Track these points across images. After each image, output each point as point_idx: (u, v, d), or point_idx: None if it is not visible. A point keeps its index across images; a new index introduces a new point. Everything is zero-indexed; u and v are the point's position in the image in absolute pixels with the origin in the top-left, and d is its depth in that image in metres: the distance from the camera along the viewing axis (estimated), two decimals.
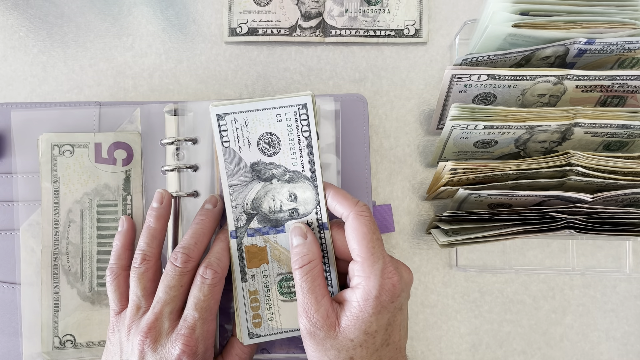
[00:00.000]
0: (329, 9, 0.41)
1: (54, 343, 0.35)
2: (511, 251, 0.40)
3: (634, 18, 0.32)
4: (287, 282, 0.32)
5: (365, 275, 0.28)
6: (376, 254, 0.28)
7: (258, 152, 0.31)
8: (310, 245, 0.30)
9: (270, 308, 0.32)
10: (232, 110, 0.30)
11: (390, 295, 0.28)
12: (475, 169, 0.33)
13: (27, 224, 0.36)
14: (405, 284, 0.29)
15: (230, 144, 0.30)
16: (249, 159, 0.31)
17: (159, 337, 0.29)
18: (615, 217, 0.32)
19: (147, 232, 0.32)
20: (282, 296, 0.32)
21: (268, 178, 0.31)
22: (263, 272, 0.32)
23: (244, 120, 0.30)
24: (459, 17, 0.42)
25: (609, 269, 0.40)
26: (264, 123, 0.30)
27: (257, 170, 0.31)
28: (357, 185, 0.37)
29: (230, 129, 0.30)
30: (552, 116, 0.32)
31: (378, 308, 0.27)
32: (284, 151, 0.31)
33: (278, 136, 0.31)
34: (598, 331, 0.40)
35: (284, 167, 0.31)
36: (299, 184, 0.31)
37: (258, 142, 0.31)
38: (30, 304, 0.36)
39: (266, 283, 0.32)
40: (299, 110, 0.30)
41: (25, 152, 0.37)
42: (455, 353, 0.40)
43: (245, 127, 0.30)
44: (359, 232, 0.28)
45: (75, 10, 0.42)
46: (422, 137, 0.41)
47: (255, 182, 0.31)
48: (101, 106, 0.38)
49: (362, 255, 0.28)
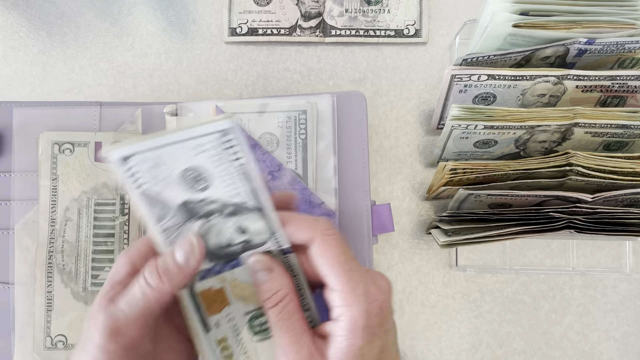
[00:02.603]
0: (329, 9, 0.41)
1: (45, 343, 0.35)
2: (511, 251, 0.40)
3: (634, 18, 0.32)
4: (260, 320, 0.28)
5: (347, 304, 0.24)
6: (354, 276, 0.24)
7: (184, 190, 0.26)
8: (279, 279, 0.26)
9: (246, 352, 0.29)
10: (138, 149, 0.24)
11: (379, 320, 0.24)
12: (475, 169, 0.33)
13: (22, 223, 0.36)
14: (390, 298, 0.25)
15: (147, 187, 0.25)
16: (175, 200, 0.26)
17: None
18: (615, 217, 0.32)
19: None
20: (256, 336, 0.28)
21: (205, 215, 0.27)
22: (227, 316, 0.28)
23: (155, 158, 0.25)
24: (459, 17, 0.42)
25: (609, 269, 0.40)
26: (181, 158, 0.25)
27: (189, 209, 0.27)
28: (355, 183, 0.37)
29: (143, 170, 0.25)
30: (552, 116, 0.32)
31: (369, 338, 0.24)
32: (217, 185, 0.26)
33: (202, 170, 0.26)
34: (598, 331, 0.40)
35: (222, 202, 0.27)
36: (246, 215, 0.27)
37: (181, 180, 0.26)
38: (24, 303, 0.36)
39: (234, 327, 0.28)
40: (223, 137, 0.25)
41: (25, 150, 0.37)
42: (455, 353, 0.40)
43: (159, 167, 0.25)
44: (330, 256, 0.24)
45: (75, 10, 0.42)
46: (422, 137, 0.41)
47: (190, 222, 0.27)
48: (102, 106, 0.38)
49: (340, 282, 0.24)
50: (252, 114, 0.37)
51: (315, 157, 0.37)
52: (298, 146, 0.37)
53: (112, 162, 0.24)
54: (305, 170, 0.37)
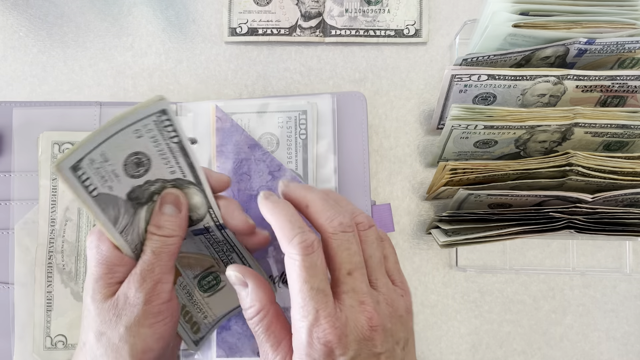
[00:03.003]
0: (329, 8, 0.41)
1: (45, 343, 0.35)
2: (511, 251, 0.40)
3: (634, 18, 0.32)
4: (206, 279, 0.31)
5: (296, 327, 0.24)
6: (306, 307, 0.24)
7: (129, 179, 0.26)
8: (253, 294, 0.27)
9: (201, 309, 0.32)
10: (85, 151, 0.23)
11: (323, 354, 0.24)
12: (475, 169, 0.33)
13: (22, 223, 0.36)
14: (357, 340, 0.24)
15: (99, 190, 0.24)
16: (122, 192, 0.26)
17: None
18: (615, 217, 0.32)
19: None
20: (205, 293, 0.32)
21: (149, 198, 0.28)
22: (181, 285, 0.31)
23: (100, 155, 0.24)
24: (459, 17, 0.42)
25: (609, 269, 0.40)
26: (123, 146, 0.25)
27: (135, 197, 0.27)
28: (355, 183, 0.37)
29: (92, 172, 0.24)
30: (552, 116, 0.32)
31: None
32: (156, 164, 0.27)
33: (144, 152, 0.26)
34: (598, 331, 0.40)
35: (162, 179, 0.27)
36: (185, 190, 0.28)
37: (124, 169, 0.26)
38: (24, 303, 0.36)
39: (188, 292, 0.31)
40: (158, 118, 0.25)
41: (24, 150, 0.37)
42: (455, 353, 0.40)
43: (106, 162, 0.24)
44: (290, 279, 0.25)
45: (75, 10, 0.42)
46: (422, 137, 0.41)
47: (139, 211, 0.27)
48: (102, 106, 0.38)
49: (293, 303, 0.25)
50: (252, 114, 0.37)
51: (316, 158, 0.37)
52: (298, 146, 0.37)
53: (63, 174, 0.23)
54: (306, 170, 0.37)
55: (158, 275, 0.26)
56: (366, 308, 0.25)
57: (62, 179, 0.23)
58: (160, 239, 0.27)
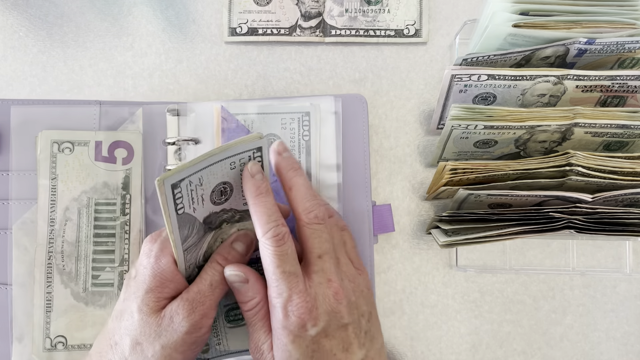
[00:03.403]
0: (329, 8, 0.41)
1: (44, 344, 0.35)
2: (511, 251, 0.40)
3: (634, 18, 0.32)
4: (234, 312, 0.33)
5: (272, 306, 0.28)
6: (280, 286, 0.27)
7: (210, 205, 0.28)
8: (252, 289, 0.29)
9: (218, 335, 0.33)
10: (187, 174, 0.25)
11: (297, 326, 0.27)
12: (475, 169, 0.33)
13: (20, 222, 0.36)
14: (327, 311, 0.28)
15: (185, 209, 0.27)
16: (202, 215, 0.28)
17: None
18: (615, 217, 0.32)
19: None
20: (229, 324, 0.33)
21: (218, 225, 0.30)
22: None
23: (198, 179, 0.26)
24: (459, 17, 0.42)
25: (609, 269, 0.40)
26: (217, 174, 0.27)
27: (209, 222, 0.29)
28: (356, 185, 0.37)
29: (185, 193, 0.26)
30: (552, 116, 0.32)
31: (290, 337, 0.27)
32: (235, 195, 0.29)
33: (230, 183, 0.28)
34: (598, 331, 0.40)
35: (234, 210, 0.29)
36: (249, 220, 0.30)
37: (211, 195, 0.28)
38: (22, 304, 0.35)
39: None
40: (253, 155, 0.27)
41: (23, 149, 0.37)
42: (455, 353, 0.40)
43: (200, 186, 0.27)
44: (264, 263, 0.28)
45: (75, 10, 0.42)
46: (422, 137, 0.41)
47: (207, 235, 0.30)
48: (101, 105, 0.38)
49: (269, 284, 0.28)
50: (256, 115, 0.37)
51: (319, 159, 0.37)
52: (302, 148, 0.37)
53: (162, 190, 0.25)
54: (309, 172, 0.37)
55: (207, 309, 0.28)
56: (332, 284, 0.28)
57: (160, 193, 0.24)
58: (220, 272, 0.29)
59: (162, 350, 0.27)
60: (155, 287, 0.28)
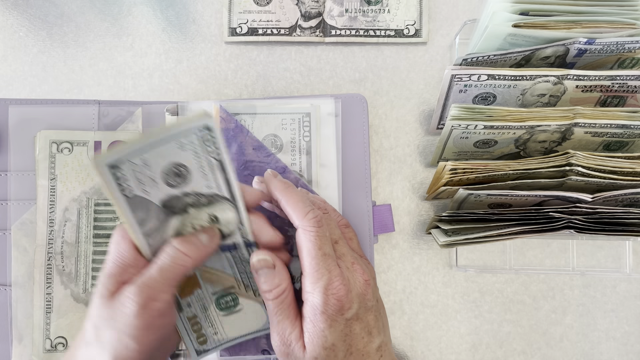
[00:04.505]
0: (329, 8, 0.41)
1: (45, 346, 0.35)
2: (511, 251, 0.40)
3: (634, 18, 0.32)
4: (225, 299, 0.32)
5: (311, 290, 0.28)
6: (320, 270, 0.28)
7: (166, 187, 0.27)
8: (279, 275, 0.30)
9: (213, 325, 0.32)
10: (127, 154, 0.25)
11: (336, 309, 0.28)
12: (475, 169, 0.33)
13: (19, 223, 0.36)
14: (357, 294, 0.29)
15: (134, 191, 0.26)
16: (157, 198, 0.27)
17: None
18: (615, 217, 0.32)
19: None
20: (222, 312, 0.32)
21: (183, 209, 0.29)
22: (198, 297, 0.32)
23: (142, 160, 0.26)
24: (459, 17, 0.42)
25: (609, 269, 0.40)
26: (165, 155, 0.26)
27: (170, 206, 0.28)
28: (356, 185, 0.37)
29: (130, 175, 0.25)
30: (552, 116, 0.32)
31: (328, 322, 0.28)
32: (194, 177, 0.28)
33: (185, 164, 0.27)
34: (598, 331, 0.40)
35: (198, 193, 0.28)
36: (218, 205, 0.29)
37: (163, 177, 0.27)
38: (22, 305, 0.35)
39: (203, 305, 0.32)
40: (202, 133, 0.26)
41: (21, 149, 0.37)
42: (455, 353, 0.40)
43: (146, 167, 0.26)
44: (304, 249, 0.28)
45: (75, 10, 0.42)
46: (422, 137, 0.41)
47: (170, 219, 0.29)
48: (100, 105, 0.37)
49: (308, 271, 0.28)
50: (256, 115, 0.37)
51: (319, 160, 0.37)
52: (302, 148, 0.37)
53: (100, 169, 0.24)
54: (310, 172, 0.37)
55: (155, 292, 0.27)
56: (357, 268, 0.30)
57: (97, 174, 0.24)
58: (172, 257, 0.28)
59: (115, 334, 0.26)
60: (116, 272, 0.27)
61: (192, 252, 0.28)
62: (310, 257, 0.28)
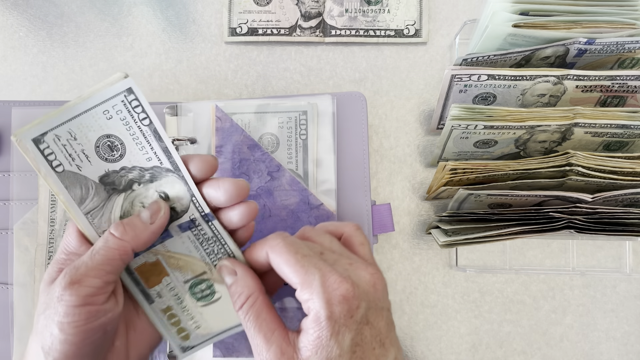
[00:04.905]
0: (329, 9, 0.41)
1: None
2: (511, 251, 0.40)
3: (634, 18, 0.32)
4: (199, 287, 0.29)
5: (309, 297, 0.24)
6: (309, 270, 0.25)
7: (102, 162, 0.26)
8: (242, 281, 0.27)
9: (192, 317, 0.30)
10: (49, 126, 0.24)
11: (344, 309, 0.24)
12: (475, 169, 0.33)
13: (21, 223, 0.36)
14: (364, 291, 0.25)
15: (65, 167, 0.25)
16: (94, 174, 0.26)
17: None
18: (615, 217, 0.32)
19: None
20: (199, 302, 0.30)
21: (127, 186, 0.27)
22: (168, 286, 0.29)
23: (67, 133, 0.25)
24: (459, 17, 0.42)
25: (609, 269, 0.40)
26: (94, 127, 0.25)
27: (110, 182, 0.27)
28: (355, 183, 0.37)
29: (57, 149, 0.24)
30: (552, 116, 0.32)
31: (335, 328, 0.24)
32: (131, 150, 0.26)
33: (117, 136, 0.26)
34: (598, 331, 0.40)
35: (139, 167, 0.26)
36: (164, 179, 0.27)
37: (97, 151, 0.26)
38: (23, 304, 0.36)
39: (176, 295, 0.29)
40: (126, 98, 0.25)
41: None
42: (455, 353, 0.40)
43: (74, 140, 0.25)
44: (282, 260, 0.25)
45: (75, 10, 0.42)
46: (422, 137, 0.41)
47: (114, 197, 0.27)
48: None
49: (297, 277, 0.25)
50: (253, 114, 0.37)
51: (316, 158, 0.37)
52: (299, 147, 0.37)
53: (23, 145, 0.23)
54: (306, 171, 0.37)
55: (80, 275, 0.24)
56: (358, 266, 0.26)
57: (21, 149, 0.23)
58: (107, 237, 0.26)
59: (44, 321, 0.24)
60: (60, 258, 0.26)
61: (127, 234, 0.26)
62: (290, 264, 0.25)
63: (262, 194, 0.36)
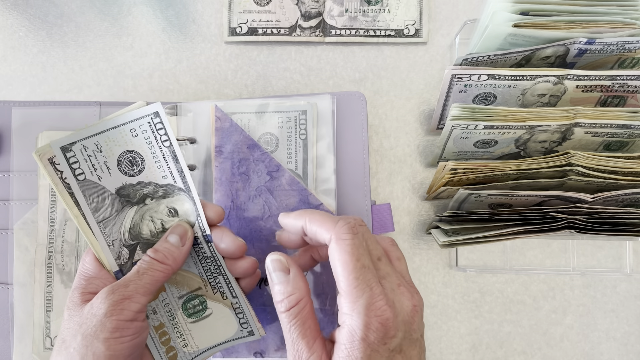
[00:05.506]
0: (329, 8, 0.41)
1: (45, 344, 0.35)
2: (511, 251, 0.40)
3: (634, 18, 0.32)
4: (192, 302, 0.30)
5: (349, 312, 0.24)
6: (360, 286, 0.24)
7: (121, 175, 0.28)
8: (296, 282, 0.26)
9: (181, 335, 0.30)
10: (78, 137, 0.27)
11: (380, 336, 0.23)
12: (476, 169, 0.33)
13: (21, 223, 0.36)
14: (403, 321, 0.24)
15: (87, 176, 0.27)
16: (112, 186, 0.28)
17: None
18: (616, 217, 0.32)
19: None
20: (189, 318, 0.30)
21: (140, 199, 0.29)
22: (163, 301, 0.30)
23: (95, 145, 0.27)
24: (459, 17, 0.42)
25: (609, 269, 0.40)
26: (119, 142, 0.28)
27: (125, 195, 0.29)
28: (355, 183, 0.37)
29: (82, 158, 0.27)
30: (552, 116, 0.32)
31: (367, 352, 0.23)
32: (149, 166, 0.28)
33: (139, 152, 0.28)
34: (598, 331, 0.40)
35: (155, 183, 0.29)
36: (175, 197, 0.29)
37: (118, 164, 0.28)
38: (23, 303, 0.36)
39: (169, 311, 0.30)
40: (152, 120, 0.28)
41: (23, 150, 0.37)
42: (455, 353, 0.40)
43: (99, 152, 0.27)
44: (340, 261, 0.24)
45: (75, 10, 0.42)
46: (422, 137, 0.41)
47: (127, 209, 0.29)
48: (101, 106, 0.38)
49: (344, 289, 0.24)
50: (252, 114, 0.37)
51: (316, 158, 0.37)
52: (298, 146, 0.37)
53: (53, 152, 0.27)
54: (305, 170, 0.36)
55: (130, 292, 0.26)
56: (403, 291, 0.25)
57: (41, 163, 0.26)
58: (150, 261, 0.28)
59: (83, 340, 0.25)
60: (80, 284, 0.27)
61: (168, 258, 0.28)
62: (346, 270, 0.24)
63: (262, 193, 0.36)
